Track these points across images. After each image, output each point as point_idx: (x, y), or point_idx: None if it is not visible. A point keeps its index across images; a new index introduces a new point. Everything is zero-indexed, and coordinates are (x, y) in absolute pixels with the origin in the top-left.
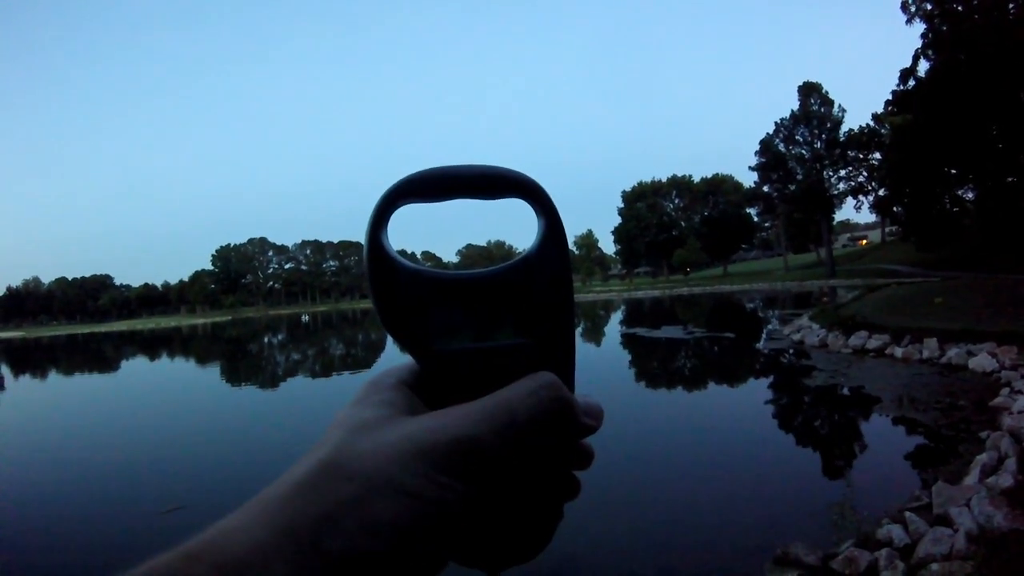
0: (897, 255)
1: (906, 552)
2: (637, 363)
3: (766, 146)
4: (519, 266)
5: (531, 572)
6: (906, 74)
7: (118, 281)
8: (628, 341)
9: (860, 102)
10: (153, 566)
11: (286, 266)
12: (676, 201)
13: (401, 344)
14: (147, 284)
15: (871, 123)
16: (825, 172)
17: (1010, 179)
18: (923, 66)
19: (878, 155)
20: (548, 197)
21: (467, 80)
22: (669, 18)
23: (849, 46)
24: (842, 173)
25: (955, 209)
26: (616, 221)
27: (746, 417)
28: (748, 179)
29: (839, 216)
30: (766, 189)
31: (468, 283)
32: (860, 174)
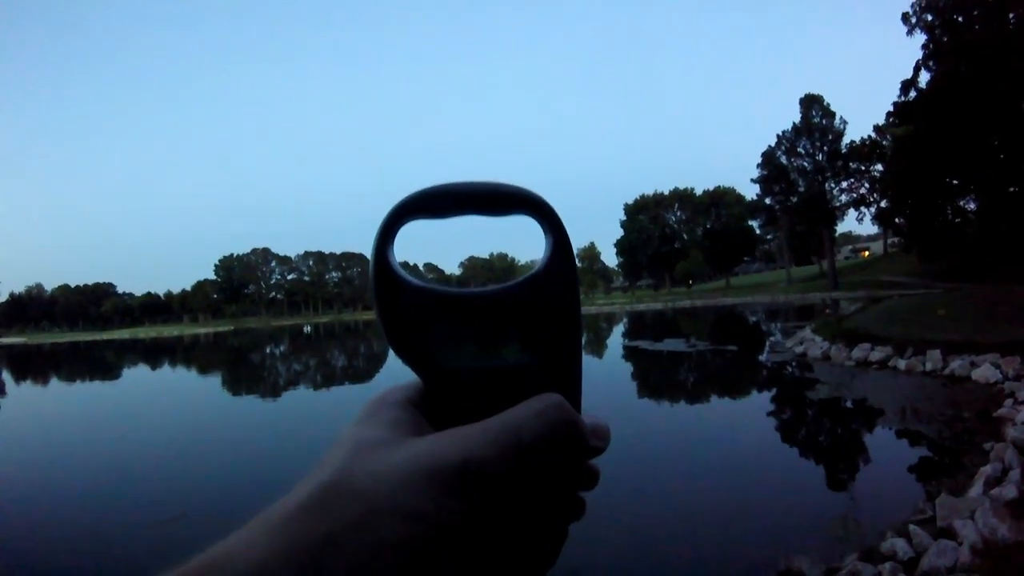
0: (900, 266)
1: (910, 565)
2: (639, 376)
3: (768, 158)
4: (526, 284)
5: None
6: (907, 85)
7: (121, 289)
8: (630, 354)
9: (862, 114)
10: None
11: (288, 276)
12: (678, 213)
13: (406, 362)
14: (149, 292)
15: (873, 134)
16: (827, 184)
17: (1012, 189)
18: (924, 77)
19: (880, 166)
20: (556, 215)
21: (469, 92)
22: (672, 30)
23: (850, 58)
24: (844, 185)
25: (957, 220)
26: (618, 233)
27: (749, 430)
28: (750, 191)
29: (841, 228)
30: (768, 201)
31: (474, 300)
32: (862, 186)
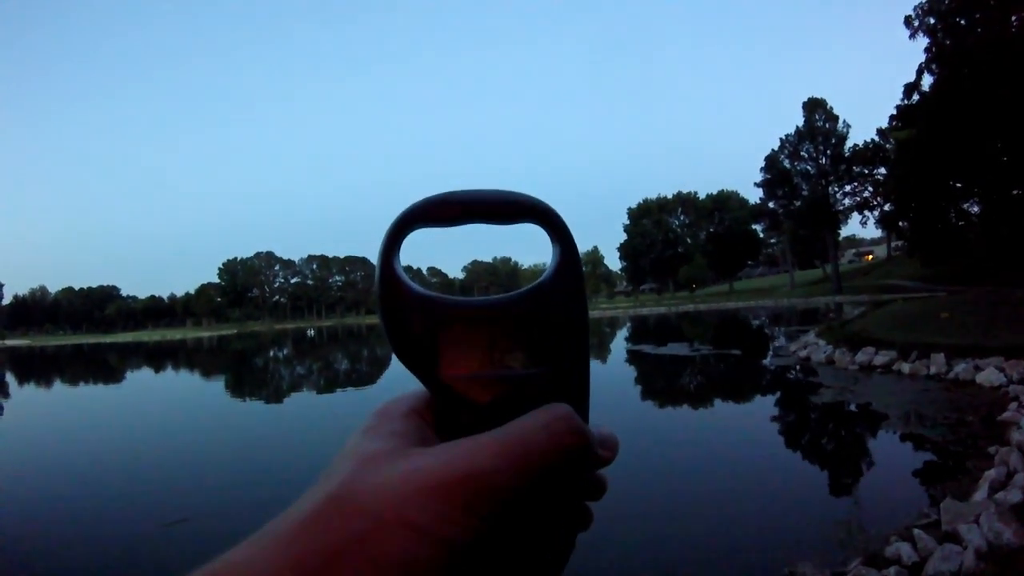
0: (903, 270)
1: (915, 570)
2: (642, 380)
3: (771, 162)
4: (533, 293)
5: None
6: (910, 89)
7: (124, 292)
8: (634, 358)
9: (865, 117)
10: None
11: (292, 280)
12: (682, 218)
13: (412, 371)
14: (153, 296)
15: (876, 138)
16: (830, 188)
17: (1015, 192)
18: (927, 80)
19: (883, 170)
20: (564, 224)
21: (473, 97)
22: (675, 34)
23: (853, 62)
24: (847, 188)
25: (960, 223)
26: (622, 238)
27: (752, 434)
28: (754, 195)
29: (845, 231)
30: (771, 205)
31: (481, 310)
32: (865, 189)
